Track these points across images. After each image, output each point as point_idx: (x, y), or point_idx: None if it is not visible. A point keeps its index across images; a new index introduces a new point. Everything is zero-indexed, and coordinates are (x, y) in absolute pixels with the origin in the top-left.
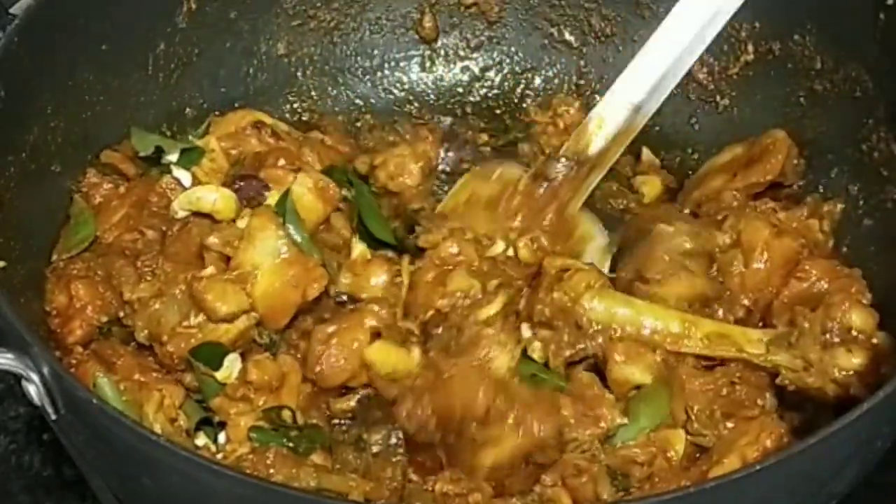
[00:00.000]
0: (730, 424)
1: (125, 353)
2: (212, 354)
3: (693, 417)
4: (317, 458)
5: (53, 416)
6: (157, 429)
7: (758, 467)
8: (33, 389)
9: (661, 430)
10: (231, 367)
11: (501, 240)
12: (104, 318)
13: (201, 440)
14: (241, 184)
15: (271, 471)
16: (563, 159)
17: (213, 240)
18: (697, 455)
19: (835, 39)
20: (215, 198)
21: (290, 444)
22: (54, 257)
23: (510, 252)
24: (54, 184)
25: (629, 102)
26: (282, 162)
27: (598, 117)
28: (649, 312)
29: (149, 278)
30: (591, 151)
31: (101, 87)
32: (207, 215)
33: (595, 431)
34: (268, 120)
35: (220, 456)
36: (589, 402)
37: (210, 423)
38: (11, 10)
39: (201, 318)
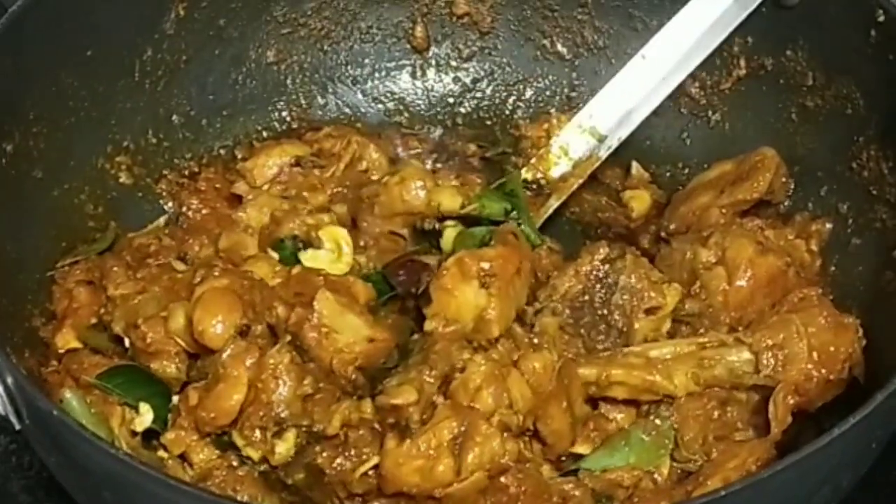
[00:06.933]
0: (721, 447)
1: (90, 365)
2: (131, 383)
3: (681, 446)
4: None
5: (18, 426)
6: (124, 444)
7: (723, 492)
8: None
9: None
10: (144, 418)
11: None
12: (94, 320)
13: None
14: (402, 274)
15: (237, 487)
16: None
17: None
18: (685, 476)
19: (827, 55)
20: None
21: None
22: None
23: None
24: (36, 190)
25: (596, 132)
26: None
27: (562, 144)
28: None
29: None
30: (551, 176)
31: (85, 92)
32: None
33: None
34: (300, 151)
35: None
36: None
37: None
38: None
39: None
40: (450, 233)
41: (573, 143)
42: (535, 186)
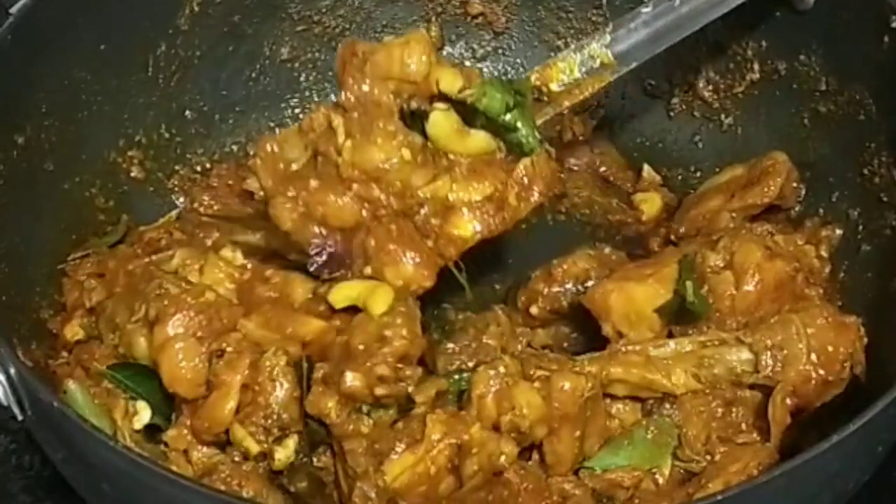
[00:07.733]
0: (724, 449)
1: (102, 356)
2: (140, 377)
3: (684, 443)
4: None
5: (20, 417)
6: (126, 436)
7: (720, 497)
8: (0, 389)
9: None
10: (141, 415)
11: None
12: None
13: None
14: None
15: (242, 483)
16: None
17: None
18: (687, 477)
19: (840, 61)
20: None
21: None
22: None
23: None
24: (47, 183)
25: (606, 56)
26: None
27: (570, 60)
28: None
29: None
30: (552, 88)
31: (98, 87)
32: None
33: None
34: None
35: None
36: None
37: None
38: (11, 11)
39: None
40: (437, 115)
41: (581, 62)
42: (535, 94)
